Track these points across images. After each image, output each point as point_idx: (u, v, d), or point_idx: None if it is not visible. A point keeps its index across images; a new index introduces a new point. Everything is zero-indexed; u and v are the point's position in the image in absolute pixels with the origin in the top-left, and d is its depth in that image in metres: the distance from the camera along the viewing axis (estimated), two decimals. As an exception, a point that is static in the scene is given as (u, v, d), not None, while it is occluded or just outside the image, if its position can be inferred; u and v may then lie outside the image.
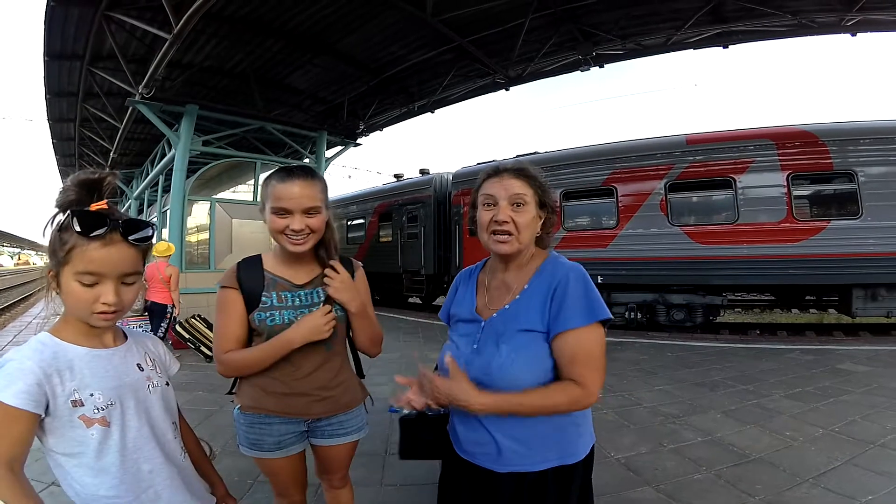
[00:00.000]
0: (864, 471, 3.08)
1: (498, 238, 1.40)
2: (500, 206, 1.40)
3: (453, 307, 1.59)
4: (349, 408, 1.84)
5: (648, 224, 9.43)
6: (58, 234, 1.11)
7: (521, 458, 1.36)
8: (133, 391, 1.22)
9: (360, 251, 15.87)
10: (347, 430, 1.83)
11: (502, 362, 1.35)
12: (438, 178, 13.93)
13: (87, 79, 9.45)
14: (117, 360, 1.22)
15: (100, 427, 1.12)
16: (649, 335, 8.08)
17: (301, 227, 1.60)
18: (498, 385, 1.33)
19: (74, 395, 1.10)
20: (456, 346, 1.48)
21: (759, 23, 8.90)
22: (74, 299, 1.12)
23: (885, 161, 7.93)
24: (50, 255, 1.13)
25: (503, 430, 1.36)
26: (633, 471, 3.27)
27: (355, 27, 8.48)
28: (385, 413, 1.57)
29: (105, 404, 1.13)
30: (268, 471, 1.82)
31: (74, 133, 13.43)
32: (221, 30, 8.13)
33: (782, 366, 5.81)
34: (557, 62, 10.66)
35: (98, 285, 1.12)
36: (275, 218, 1.60)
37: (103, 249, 1.10)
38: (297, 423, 1.75)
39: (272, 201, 1.60)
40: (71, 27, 7.76)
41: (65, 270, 1.10)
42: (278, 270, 1.72)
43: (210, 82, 10.02)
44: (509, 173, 1.44)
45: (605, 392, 5.01)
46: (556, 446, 1.37)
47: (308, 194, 1.60)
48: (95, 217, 1.10)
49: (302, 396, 1.71)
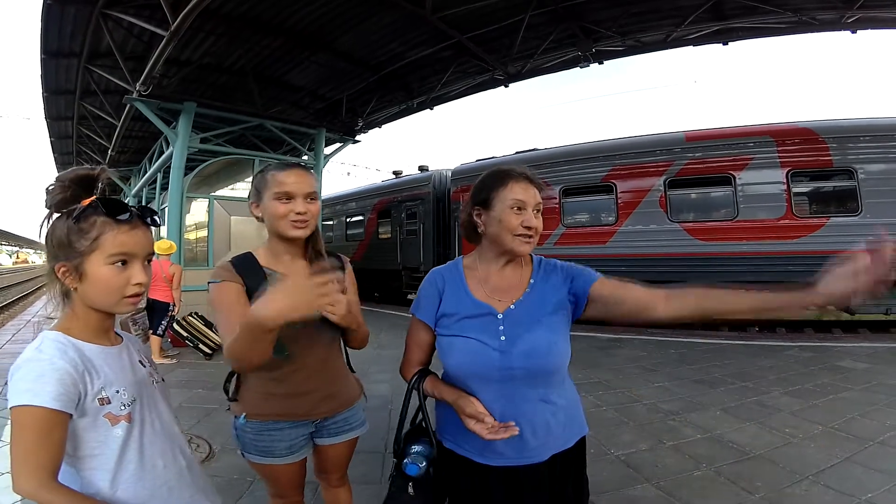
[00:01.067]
0: (864, 468, 3.08)
1: (524, 240, 1.48)
2: (529, 212, 1.48)
3: (445, 307, 1.55)
4: (351, 403, 1.84)
5: (648, 221, 9.46)
6: (76, 226, 1.11)
7: (563, 439, 1.50)
8: (144, 386, 1.23)
9: (359, 248, 15.89)
10: (352, 425, 1.84)
11: (547, 342, 1.44)
12: (438, 175, 13.93)
13: (85, 76, 9.40)
14: (126, 356, 1.23)
15: (125, 424, 1.12)
16: (649, 332, 8.07)
17: (304, 210, 1.63)
18: (542, 364, 1.44)
19: (102, 393, 1.10)
20: (478, 342, 1.46)
21: (760, 20, 8.88)
22: (105, 285, 1.13)
23: (885, 158, 7.93)
24: (62, 250, 1.12)
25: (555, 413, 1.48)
26: (632, 468, 3.28)
27: (354, 24, 8.45)
28: (383, 410, 1.55)
29: (129, 400, 1.14)
30: (271, 475, 1.76)
31: (72, 131, 13.37)
32: (219, 27, 8.08)
33: (781, 363, 5.81)
34: (557, 59, 10.63)
35: (128, 267, 1.15)
36: (277, 204, 1.62)
37: (131, 232, 1.14)
38: (305, 425, 1.73)
39: (274, 187, 1.62)
40: (68, 25, 7.71)
41: (92, 258, 1.11)
42: (276, 266, 1.70)
43: (208, 79, 9.97)
44: (530, 181, 1.52)
45: (604, 388, 5.03)
46: (579, 419, 1.57)
47: (306, 181, 1.66)
48: (118, 204, 1.14)
49: (307, 395, 1.69)
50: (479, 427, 1.35)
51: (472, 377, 1.45)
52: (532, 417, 1.42)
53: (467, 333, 1.49)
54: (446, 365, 1.52)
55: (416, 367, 1.62)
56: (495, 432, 1.33)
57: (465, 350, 1.46)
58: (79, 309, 1.16)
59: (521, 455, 1.43)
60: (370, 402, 4.16)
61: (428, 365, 1.64)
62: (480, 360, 1.43)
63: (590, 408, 4.46)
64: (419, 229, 13.53)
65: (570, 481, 1.52)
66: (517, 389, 1.42)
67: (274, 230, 1.66)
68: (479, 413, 1.37)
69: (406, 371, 1.64)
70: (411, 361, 1.64)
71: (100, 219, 1.11)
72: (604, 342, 7.33)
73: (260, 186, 1.67)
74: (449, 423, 1.51)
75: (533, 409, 1.43)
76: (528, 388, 1.43)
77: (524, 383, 1.42)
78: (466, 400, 1.41)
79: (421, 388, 1.56)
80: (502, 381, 1.42)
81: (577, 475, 1.56)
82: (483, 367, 1.43)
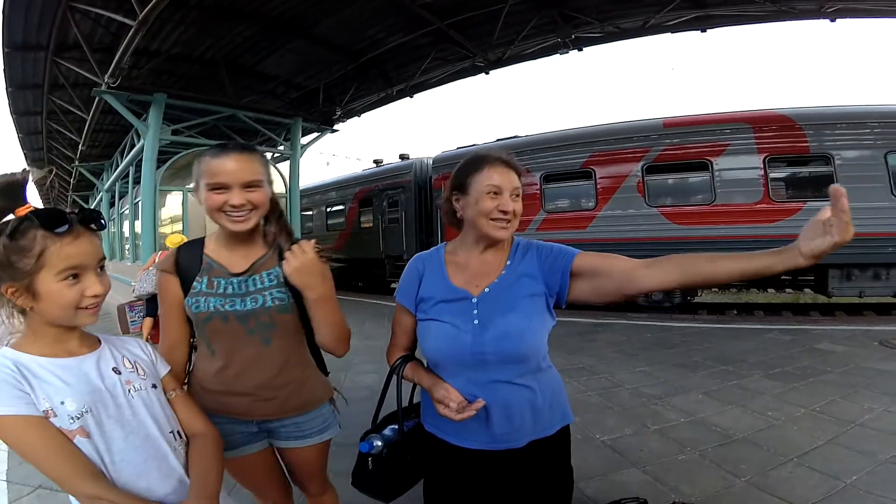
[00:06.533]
0: (847, 450, 3.11)
1: (499, 224, 1.47)
2: (505, 196, 1.47)
3: (423, 291, 1.57)
4: (303, 410, 1.63)
5: (626, 205, 9.55)
6: (13, 244, 1.03)
7: (542, 426, 1.50)
8: (110, 397, 1.12)
9: (340, 237, 15.75)
10: (305, 432, 1.64)
11: (520, 326, 1.43)
12: (419, 163, 13.84)
13: (53, 70, 9.14)
14: (87, 365, 1.13)
15: (81, 439, 1.03)
16: (628, 316, 8.12)
17: (241, 202, 1.43)
18: (514, 349, 1.43)
19: (44, 405, 1.02)
20: (452, 325, 1.47)
21: (738, 8, 8.96)
22: (59, 302, 1.06)
23: (861, 145, 8.08)
24: (5, 270, 1.04)
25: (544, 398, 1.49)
26: (618, 452, 3.27)
27: (332, 10, 8.33)
28: (371, 401, 1.49)
29: (78, 412, 1.04)
30: (231, 473, 1.64)
31: (42, 126, 13.03)
32: (189, 16, 7.90)
33: (761, 346, 5.87)
34: (537, 45, 10.64)
35: (81, 279, 1.08)
36: (211, 195, 1.42)
37: (76, 242, 1.07)
38: (244, 423, 1.59)
39: (207, 177, 1.43)
40: (34, 16, 7.47)
41: (41, 277, 1.04)
42: (218, 255, 1.56)
43: (178, 70, 9.76)
44: (508, 165, 1.51)
45: (587, 374, 5.03)
46: (562, 407, 1.57)
47: (246, 167, 1.44)
48: (54, 214, 1.06)
49: (240, 396, 1.54)
50: (447, 411, 1.38)
51: (447, 361, 1.48)
52: (506, 402, 1.43)
53: (442, 317, 1.50)
54: (424, 349, 1.55)
55: (401, 352, 1.63)
56: (462, 411, 1.35)
57: (440, 334, 1.48)
58: (35, 325, 1.10)
59: (495, 440, 1.45)
60: (357, 394, 4.09)
61: (414, 349, 1.65)
62: (454, 343, 1.45)
63: (574, 393, 4.47)
64: (401, 217, 13.46)
65: (551, 469, 1.53)
66: (490, 373, 1.43)
67: (214, 222, 1.49)
68: (445, 397, 1.40)
69: (391, 355, 1.64)
70: (396, 346, 1.65)
71: (38, 232, 1.04)
72: (585, 327, 7.34)
73: (197, 173, 1.47)
74: (430, 408, 1.52)
75: (507, 393, 1.43)
76: (501, 372, 1.43)
77: (497, 367, 1.43)
78: (437, 385, 1.45)
79: (400, 374, 1.57)
80: (475, 365, 1.43)
81: (560, 464, 1.56)
82: (456, 351, 1.44)
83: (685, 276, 1.30)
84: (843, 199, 1.00)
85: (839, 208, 1.01)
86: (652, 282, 1.34)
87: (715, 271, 1.25)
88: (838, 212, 1.01)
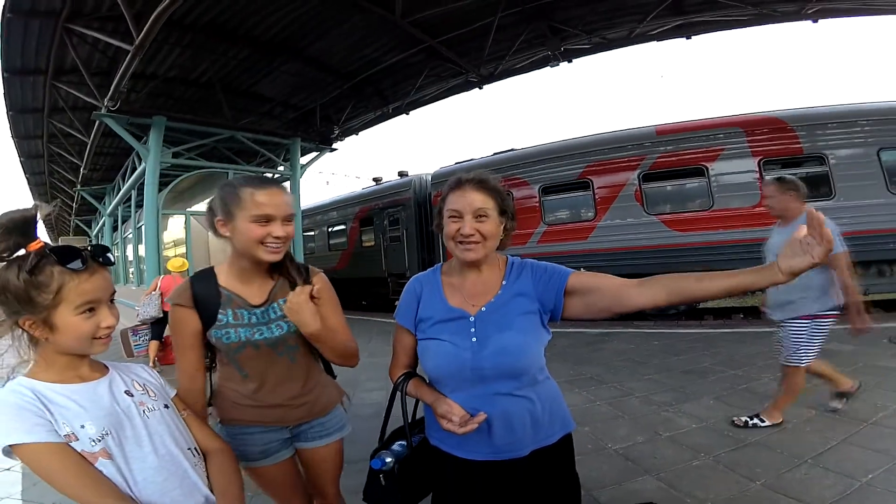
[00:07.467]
0: (861, 449, 3.09)
1: (465, 247, 1.51)
2: (465, 219, 1.49)
3: (422, 312, 1.62)
4: (326, 411, 1.81)
5: (625, 214, 9.59)
6: (32, 279, 1.06)
7: (543, 435, 1.53)
8: (126, 418, 1.15)
9: (343, 257, 15.78)
10: (329, 430, 1.81)
11: (517, 342, 1.47)
12: (418, 180, 13.88)
13: (52, 93, 9.21)
14: (101, 389, 1.17)
15: (104, 461, 1.06)
16: (634, 324, 8.10)
17: (283, 235, 1.54)
18: (512, 364, 1.46)
19: (65, 430, 1.04)
20: (451, 344, 1.51)
21: (720, 14, 9.08)
22: (76, 334, 1.11)
23: (852, 143, 8.11)
24: (24, 305, 1.07)
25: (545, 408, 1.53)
26: (631, 461, 3.25)
27: (323, 31, 8.41)
28: (377, 418, 1.50)
29: (99, 435, 1.07)
30: (261, 482, 1.76)
31: (43, 150, 13.10)
32: (184, 38, 7.98)
33: (768, 349, 5.79)
34: (528, 59, 10.76)
35: (96, 313, 1.13)
36: (254, 227, 1.49)
37: (92, 278, 1.12)
38: (278, 430, 1.72)
39: (253, 209, 1.48)
40: (31, 41, 7.55)
41: (59, 311, 1.08)
42: (234, 287, 1.63)
43: (176, 93, 9.83)
44: (472, 185, 1.52)
45: (595, 384, 5.01)
46: (562, 416, 1.60)
47: (287, 201, 1.57)
48: (69, 251, 1.11)
49: (275, 408, 1.68)
50: (451, 425, 1.42)
51: (448, 378, 1.52)
52: (506, 413, 1.47)
53: (441, 336, 1.54)
54: (425, 367, 1.60)
55: (402, 370, 1.68)
56: (464, 425, 1.40)
57: (439, 352, 1.52)
58: (47, 353, 1.13)
59: (498, 450, 1.49)
60: (363, 412, 4.12)
61: (415, 367, 1.70)
62: (454, 361, 1.49)
63: (583, 403, 4.45)
64: (402, 235, 13.46)
65: (555, 477, 1.56)
66: (490, 388, 1.47)
67: (246, 252, 1.55)
68: (448, 412, 1.44)
69: (393, 373, 1.69)
70: (398, 364, 1.70)
71: (55, 269, 1.09)
72: (591, 337, 7.32)
73: (231, 203, 1.52)
74: (433, 422, 1.56)
75: (507, 404, 1.47)
76: (500, 386, 1.47)
77: (496, 382, 1.47)
78: (440, 401, 1.49)
79: (404, 390, 1.61)
80: (475, 380, 1.47)
81: (565, 471, 1.59)
82: (456, 368, 1.49)
83: (672, 295, 1.35)
84: (823, 228, 1.04)
85: (818, 233, 1.05)
86: (641, 300, 1.39)
87: (701, 289, 1.31)
88: (816, 235, 1.05)
